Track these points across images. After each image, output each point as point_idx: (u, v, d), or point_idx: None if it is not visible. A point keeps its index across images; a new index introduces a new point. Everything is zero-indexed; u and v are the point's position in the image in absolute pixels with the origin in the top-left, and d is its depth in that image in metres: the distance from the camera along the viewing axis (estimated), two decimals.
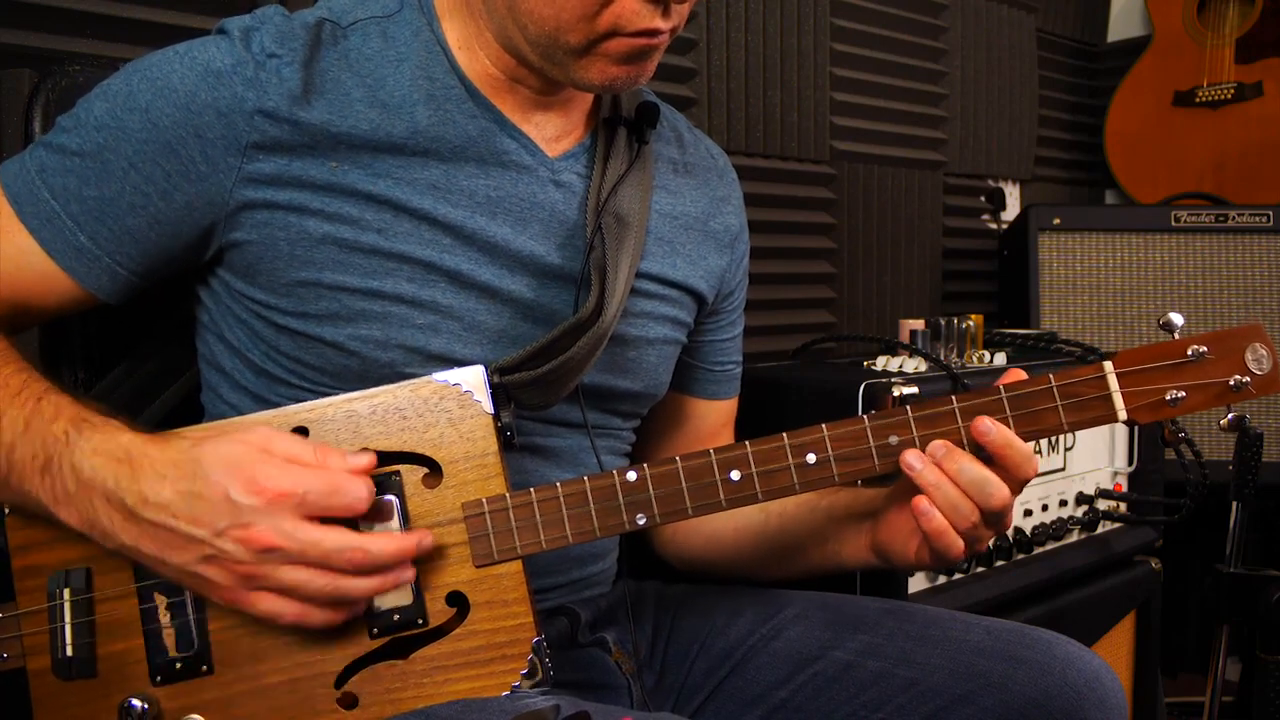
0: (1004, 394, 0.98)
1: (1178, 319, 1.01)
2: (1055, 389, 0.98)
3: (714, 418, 1.33)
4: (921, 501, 0.98)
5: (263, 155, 0.99)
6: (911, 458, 0.97)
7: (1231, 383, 0.98)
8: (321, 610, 0.88)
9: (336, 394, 0.96)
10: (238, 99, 0.98)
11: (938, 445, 0.97)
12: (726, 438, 1.35)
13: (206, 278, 1.07)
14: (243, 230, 1.00)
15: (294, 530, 0.85)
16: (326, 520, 0.87)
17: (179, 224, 1.00)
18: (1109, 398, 0.99)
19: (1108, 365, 0.99)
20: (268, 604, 0.87)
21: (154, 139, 0.98)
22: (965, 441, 0.98)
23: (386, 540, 0.89)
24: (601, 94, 1.13)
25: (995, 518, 0.99)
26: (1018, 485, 0.99)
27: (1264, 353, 0.99)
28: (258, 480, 0.85)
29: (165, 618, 0.93)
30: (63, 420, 0.90)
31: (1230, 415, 1.06)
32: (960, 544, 0.99)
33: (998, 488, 0.97)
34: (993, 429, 0.97)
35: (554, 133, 1.11)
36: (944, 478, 0.97)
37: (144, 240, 1.00)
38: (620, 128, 1.15)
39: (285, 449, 0.88)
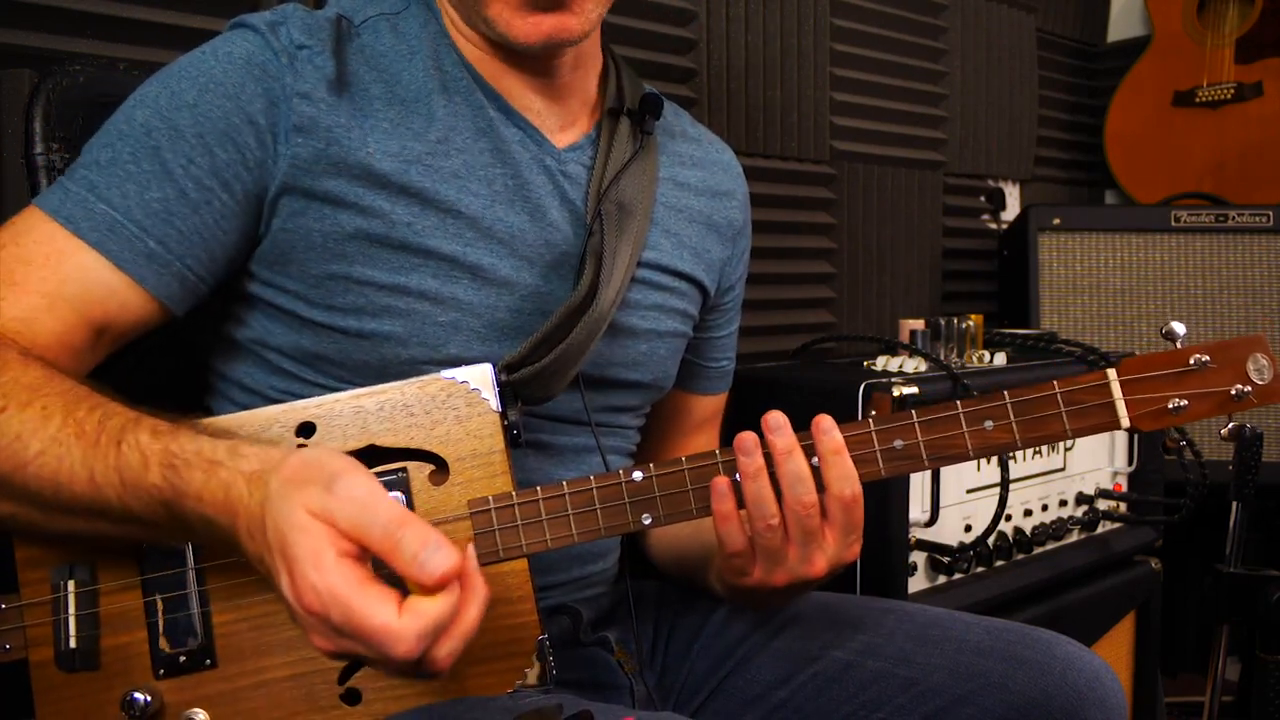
0: (1008, 400, 0.98)
1: (1179, 328, 1.01)
2: (1059, 395, 0.99)
3: (702, 412, 1.35)
4: (720, 483, 0.96)
5: (301, 138, 1.00)
6: (748, 442, 0.95)
7: (1233, 392, 0.99)
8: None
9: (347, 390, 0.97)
10: (283, 86, 1.00)
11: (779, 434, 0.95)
12: (712, 430, 1.38)
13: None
14: (280, 217, 1.01)
15: (346, 645, 0.74)
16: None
17: (243, 216, 1.01)
18: (1112, 405, 0.99)
19: (1111, 373, 1.00)
20: None
21: (209, 131, 0.98)
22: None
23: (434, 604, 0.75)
24: (533, 50, 1.06)
25: (801, 525, 0.95)
26: (833, 503, 0.96)
27: (1265, 363, 1.00)
28: (295, 585, 0.74)
29: (167, 611, 0.93)
30: (155, 466, 0.83)
31: (1230, 424, 1.07)
32: (767, 544, 0.96)
33: (807, 490, 0.94)
34: (831, 430, 0.96)
35: (558, 123, 1.13)
36: (764, 468, 0.95)
37: (211, 239, 0.99)
38: (623, 118, 1.16)
39: (349, 522, 0.74)
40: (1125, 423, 0.99)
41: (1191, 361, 0.99)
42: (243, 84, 0.99)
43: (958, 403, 0.98)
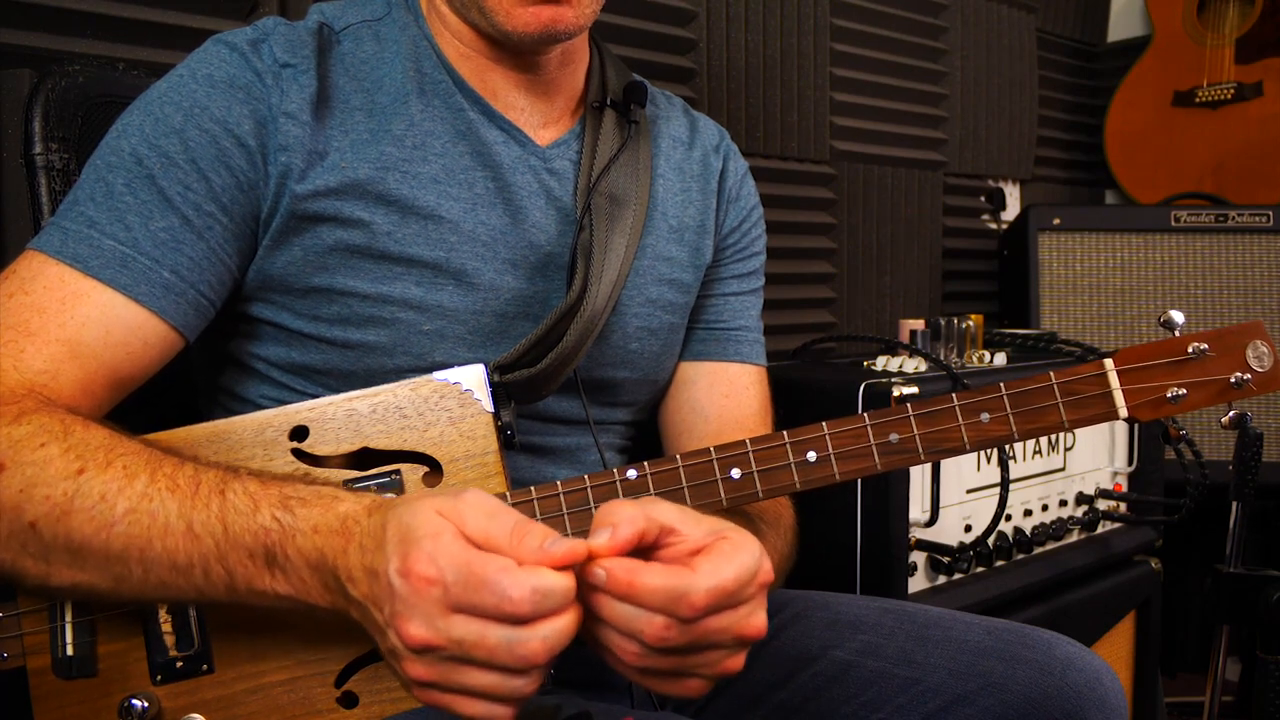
0: (1005, 391, 0.98)
1: (1178, 316, 1.00)
2: (1056, 386, 0.98)
3: (708, 384, 1.25)
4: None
5: (286, 156, 1.00)
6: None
7: (1232, 380, 0.98)
8: (505, 706, 0.73)
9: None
10: (269, 106, 0.99)
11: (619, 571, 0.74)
12: (746, 415, 1.25)
13: None
14: (269, 234, 1.01)
15: (447, 627, 0.70)
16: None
17: (243, 237, 1.00)
18: (1110, 395, 0.98)
19: (1108, 363, 0.99)
20: (461, 706, 0.72)
21: (201, 157, 0.97)
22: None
23: (560, 622, 0.71)
24: (529, 41, 1.05)
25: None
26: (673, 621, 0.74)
27: (1265, 350, 0.99)
28: (408, 559, 0.70)
29: (165, 616, 0.93)
30: (265, 508, 0.81)
31: (1231, 413, 1.06)
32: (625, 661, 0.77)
33: (646, 622, 0.73)
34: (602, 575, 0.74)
35: (540, 120, 1.12)
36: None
37: (218, 262, 0.99)
38: (607, 109, 1.16)
39: (478, 526, 0.71)
40: (1123, 413, 0.98)
41: (1190, 350, 0.98)
42: (229, 106, 0.98)
43: (953, 395, 0.98)
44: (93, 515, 0.82)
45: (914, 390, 1.50)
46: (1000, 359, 1.82)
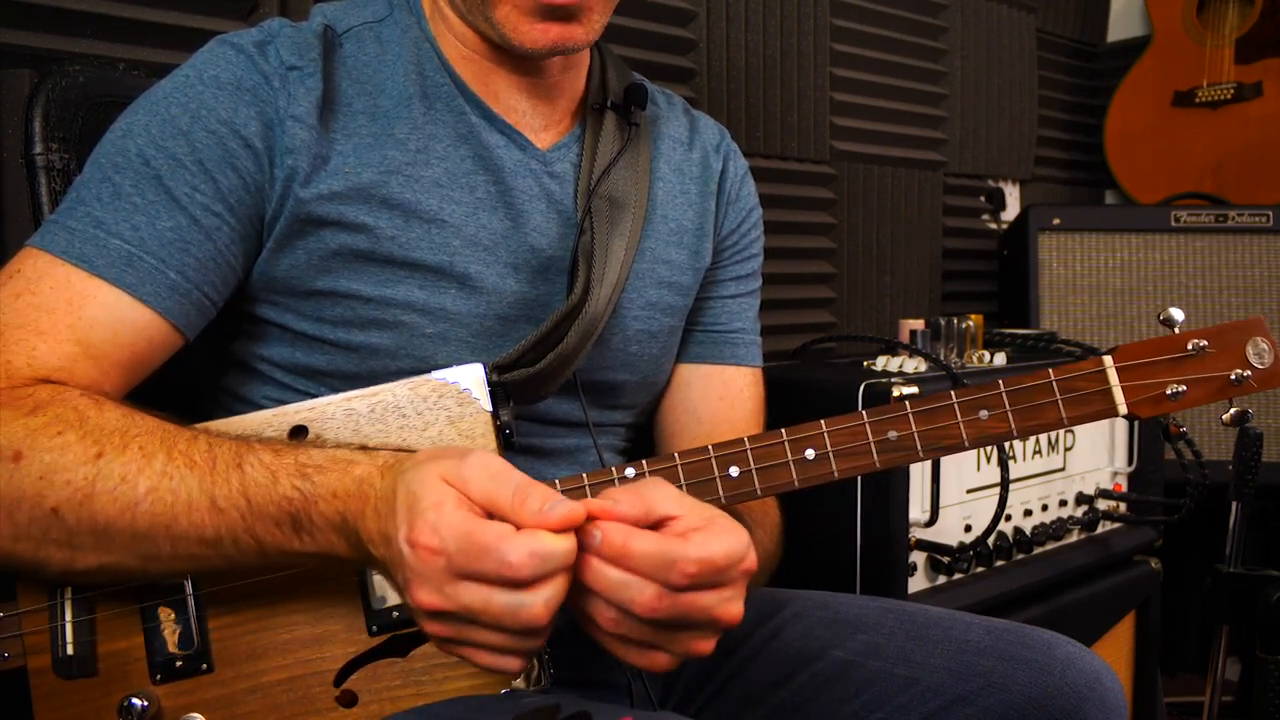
0: (1003, 389, 0.98)
1: (1178, 314, 0.99)
2: (1055, 383, 0.97)
3: (703, 386, 1.25)
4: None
5: (292, 159, 1.00)
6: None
7: (1232, 377, 0.98)
8: (514, 658, 0.76)
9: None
10: (276, 109, 0.99)
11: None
12: (740, 417, 1.26)
13: None
14: (273, 236, 1.01)
15: (453, 593, 0.72)
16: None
17: (249, 239, 1.00)
18: (1109, 392, 0.98)
19: (1107, 359, 0.98)
20: (475, 657, 0.76)
21: (208, 158, 0.97)
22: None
23: (550, 589, 0.73)
24: (537, 56, 1.06)
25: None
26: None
27: (1265, 346, 0.98)
28: (414, 530, 0.73)
29: (166, 616, 0.93)
30: (284, 478, 0.84)
31: (1232, 410, 1.05)
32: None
33: (638, 591, 0.75)
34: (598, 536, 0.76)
35: (541, 123, 1.12)
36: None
37: (223, 263, 0.99)
38: (608, 111, 1.16)
39: (481, 489, 0.74)
40: (1123, 410, 0.98)
41: (1189, 347, 0.98)
42: (235, 108, 0.98)
43: (952, 392, 0.97)
44: (115, 497, 0.84)
45: (914, 390, 1.50)
46: (1000, 359, 1.82)
